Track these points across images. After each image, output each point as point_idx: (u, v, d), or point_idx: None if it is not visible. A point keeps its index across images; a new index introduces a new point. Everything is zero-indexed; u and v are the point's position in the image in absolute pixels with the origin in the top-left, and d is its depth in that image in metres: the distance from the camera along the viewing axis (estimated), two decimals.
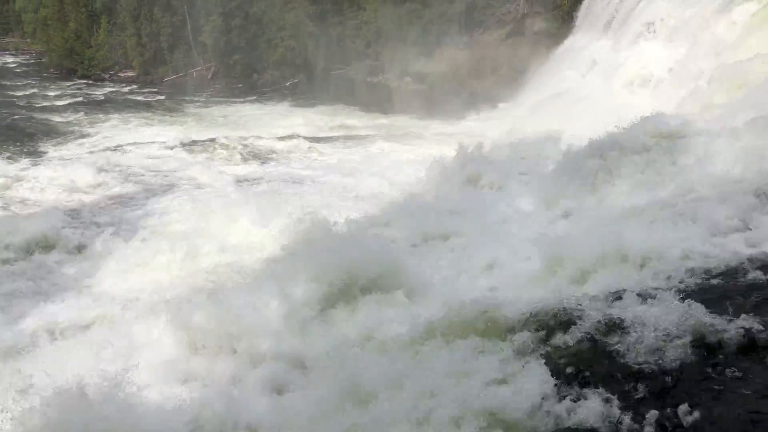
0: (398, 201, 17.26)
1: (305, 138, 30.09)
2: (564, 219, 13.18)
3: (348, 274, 10.07)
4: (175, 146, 28.97)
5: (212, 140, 29.75)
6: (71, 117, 40.68)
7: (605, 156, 13.58)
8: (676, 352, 6.35)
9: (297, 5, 46.18)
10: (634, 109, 14.66)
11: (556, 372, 6.43)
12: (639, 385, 6.13)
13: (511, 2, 40.48)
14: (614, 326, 6.86)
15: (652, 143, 13.12)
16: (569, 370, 6.49)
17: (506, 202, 15.03)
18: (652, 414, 5.71)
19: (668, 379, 6.14)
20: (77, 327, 12.49)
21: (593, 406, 5.92)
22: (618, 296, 7.53)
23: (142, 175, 24.39)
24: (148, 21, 51.78)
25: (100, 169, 24.43)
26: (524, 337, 7.01)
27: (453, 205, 15.08)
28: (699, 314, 6.68)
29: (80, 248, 17.63)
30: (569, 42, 33.97)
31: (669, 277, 8.15)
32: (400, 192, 18.83)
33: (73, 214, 20.02)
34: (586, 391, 6.16)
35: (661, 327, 6.62)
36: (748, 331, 6.45)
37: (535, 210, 14.06)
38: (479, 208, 14.70)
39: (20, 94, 49.57)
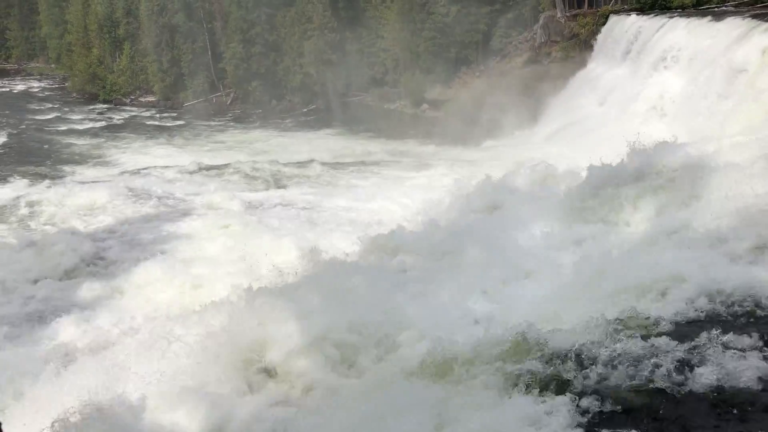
0: (413, 227, 17.24)
1: (322, 163, 30.26)
2: (579, 246, 13.08)
3: None
4: (193, 170, 29.25)
5: (229, 165, 30.02)
6: (92, 140, 41.36)
7: (621, 184, 13.53)
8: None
9: (315, 33, 46.83)
10: (651, 137, 14.57)
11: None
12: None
13: (529, 31, 40.72)
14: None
15: (667, 171, 13.05)
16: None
17: (522, 228, 14.95)
18: None
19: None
20: (93, 348, 12.57)
21: None
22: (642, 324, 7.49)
23: (160, 199, 24.57)
24: (170, 48, 52.74)
25: (119, 192, 24.66)
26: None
27: (469, 231, 15.02)
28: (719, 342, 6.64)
29: (98, 270, 17.79)
30: (586, 70, 34.04)
31: (687, 305, 8.07)
32: (416, 218, 18.81)
33: (92, 236, 20.20)
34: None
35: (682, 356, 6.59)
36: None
37: (551, 236, 13.97)
38: (495, 234, 14.62)
39: (43, 117, 50.51)
